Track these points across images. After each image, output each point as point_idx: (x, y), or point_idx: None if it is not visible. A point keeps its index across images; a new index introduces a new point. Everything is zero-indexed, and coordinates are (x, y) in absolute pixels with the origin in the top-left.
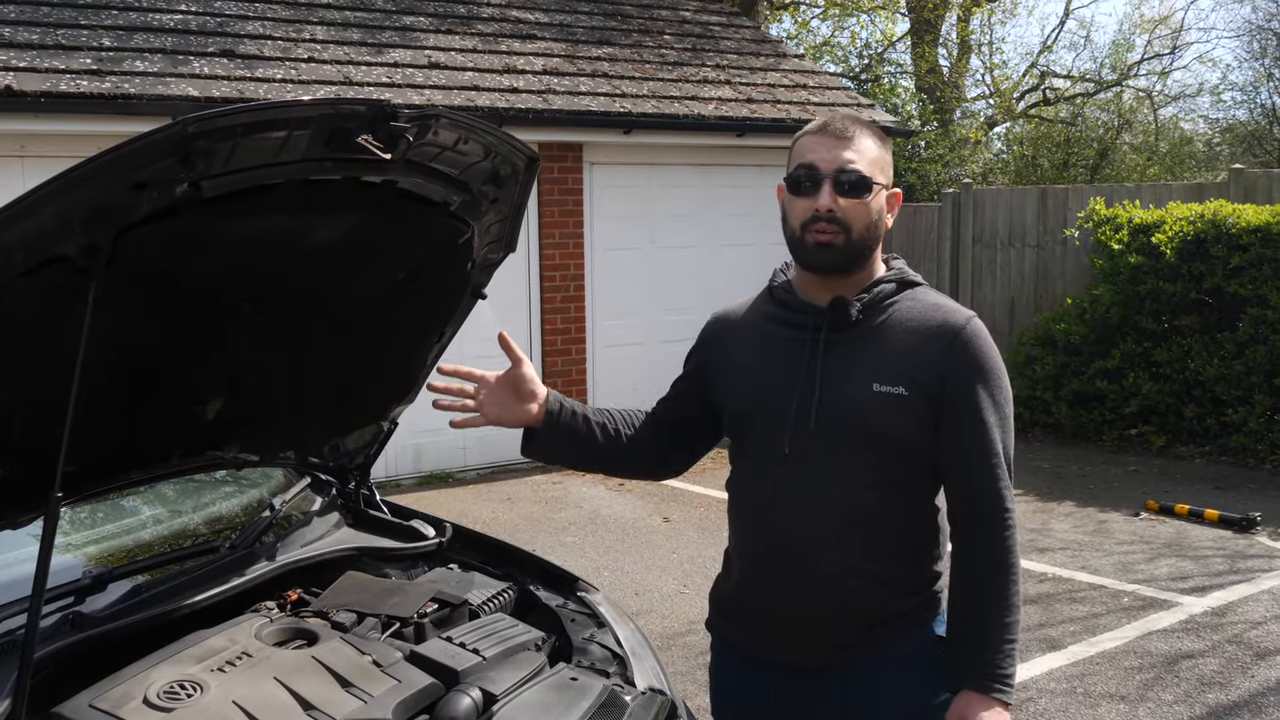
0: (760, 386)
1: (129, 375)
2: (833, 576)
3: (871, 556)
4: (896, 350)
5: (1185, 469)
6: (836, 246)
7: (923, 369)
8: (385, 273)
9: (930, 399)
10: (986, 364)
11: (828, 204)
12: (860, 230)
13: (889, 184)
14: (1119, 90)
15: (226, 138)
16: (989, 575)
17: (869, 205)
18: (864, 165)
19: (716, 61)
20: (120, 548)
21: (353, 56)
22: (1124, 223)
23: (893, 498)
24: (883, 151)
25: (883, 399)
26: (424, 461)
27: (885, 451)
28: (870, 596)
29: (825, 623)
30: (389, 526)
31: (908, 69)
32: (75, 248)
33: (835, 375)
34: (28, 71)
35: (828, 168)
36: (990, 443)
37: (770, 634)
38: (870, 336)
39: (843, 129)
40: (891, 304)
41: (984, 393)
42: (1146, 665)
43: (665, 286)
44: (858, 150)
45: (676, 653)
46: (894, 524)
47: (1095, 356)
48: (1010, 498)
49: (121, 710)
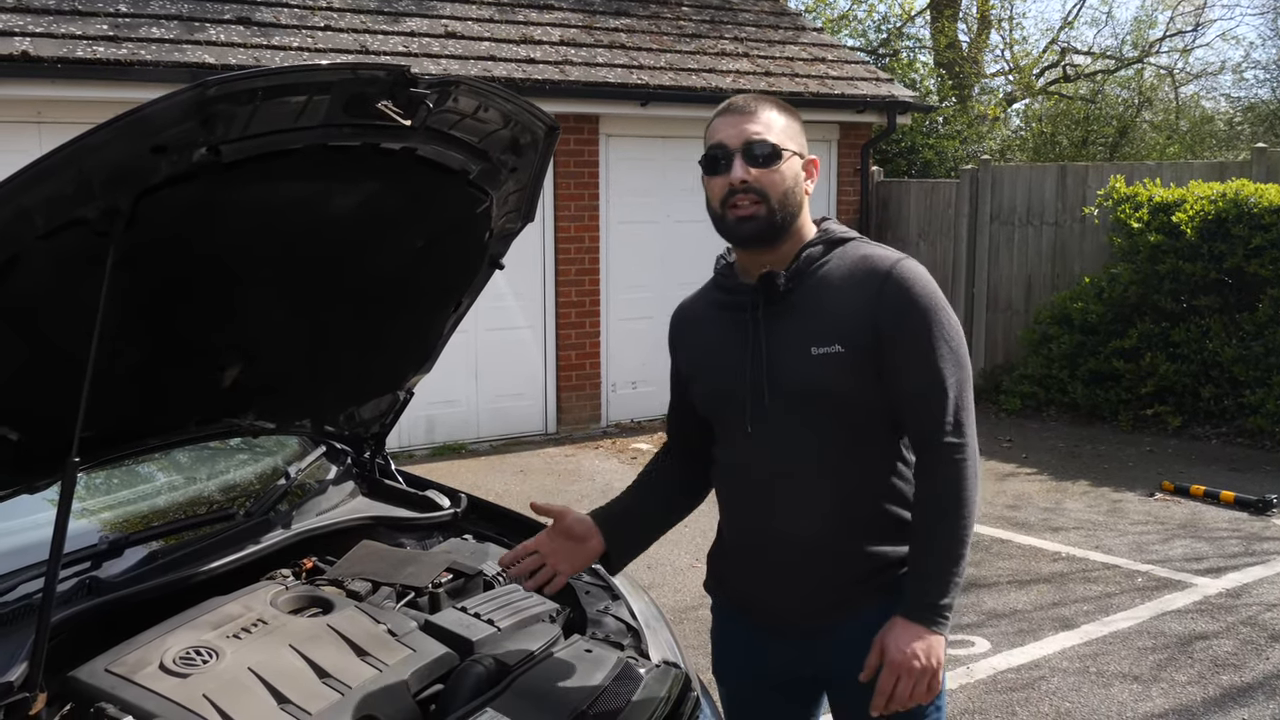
0: (716, 373)
1: (147, 341)
2: (811, 545)
3: (847, 521)
4: (827, 309)
5: (1201, 450)
6: (759, 218)
7: (853, 320)
8: (403, 241)
9: (866, 349)
10: (921, 301)
11: (740, 175)
12: (778, 197)
13: (801, 151)
14: (1140, 67)
15: (246, 101)
16: (936, 505)
17: (781, 172)
18: (771, 135)
19: (735, 34)
20: (136, 514)
21: (369, 25)
22: (1144, 201)
23: (859, 458)
24: (790, 121)
25: (821, 360)
26: (437, 432)
27: (839, 413)
28: (850, 559)
29: (809, 589)
30: (404, 496)
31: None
32: (94, 211)
33: (777, 348)
34: (44, 37)
35: (735, 142)
36: (936, 376)
37: (760, 600)
38: (803, 302)
39: (744, 105)
40: (821, 265)
41: (922, 329)
42: (1160, 646)
43: (679, 260)
44: (763, 123)
45: (689, 626)
46: (864, 484)
47: (1112, 336)
48: (965, 429)
49: (137, 675)
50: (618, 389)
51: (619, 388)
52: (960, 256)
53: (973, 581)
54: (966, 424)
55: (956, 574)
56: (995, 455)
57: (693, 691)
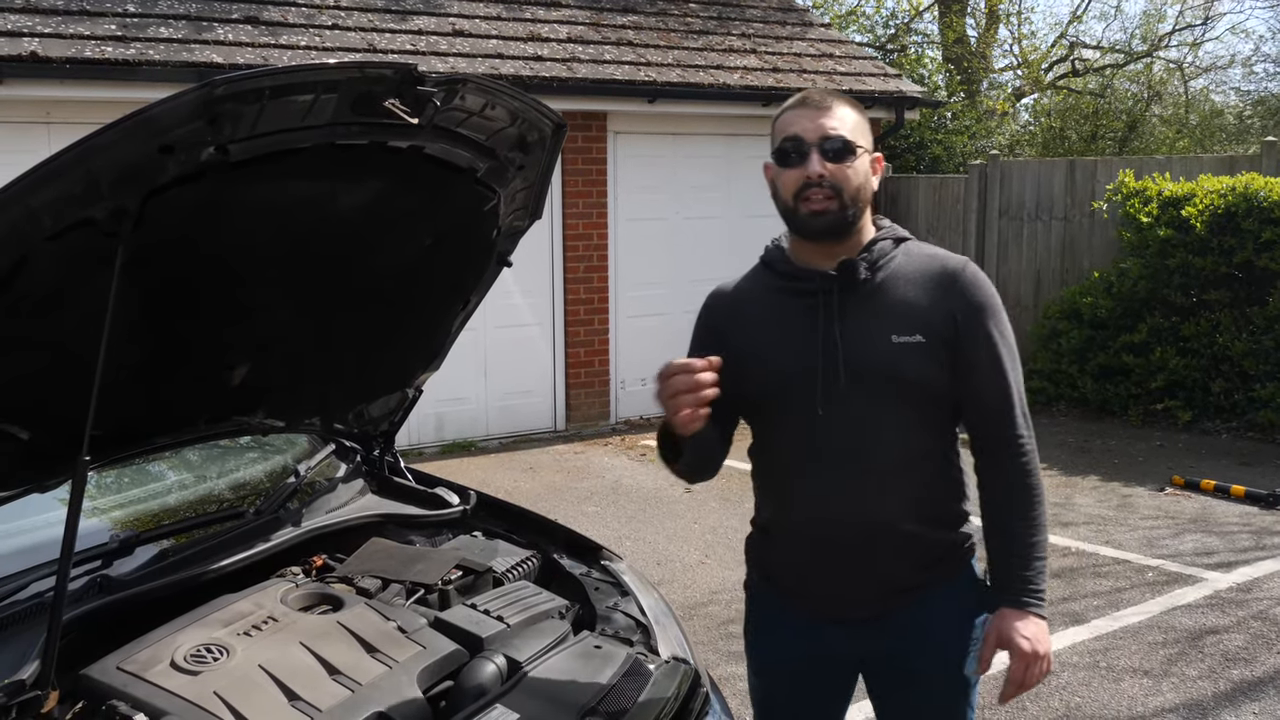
0: (782, 355)
1: (156, 340)
2: (881, 529)
3: (915, 504)
4: (906, 301)
5: (1211, 444)
6: (831, 212)
7: (934, 314)
8: (411, 239)
9: (945, 341)
10: (991, 301)
11: (818, 170)
12: (851, 193)
13: (870, 148)
14: (1149, 61)
15: (254, 100)
16: (1016, 497)
17: (855, 168)
18: (846, 131)
19: (742, 30)
20: (147, 512)
21: (377, 24)
22: (1153, 195)
23: (924, 443)
24: (860, 117)
25: (903, 349)
26: (446, 430)
27: (913, 399)
28: (919, 542)
29: (880, 575)
30: (413, 494)
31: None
32: (103, 211)
33: (855, 333)
34: (53, 37)
35: (812, 136)
36: (1004, 373)
37: (820, 588)
38: (878, 292)
39: (820, 100)
40: (891, 259)
41: (993, 327)
42: (1170, 640)
43: (688, 257)
44: (838, 118)
45: (699, 622)
46: (930, 468)
47: (1122, 330)
48: (1026, 424)
49: (148, 673)
50: (627, 386)
51: (628, 385)
52: (969, 252)
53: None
54: (1027, 418)
55: (1044, 559)
56: None
57: (702, 688)
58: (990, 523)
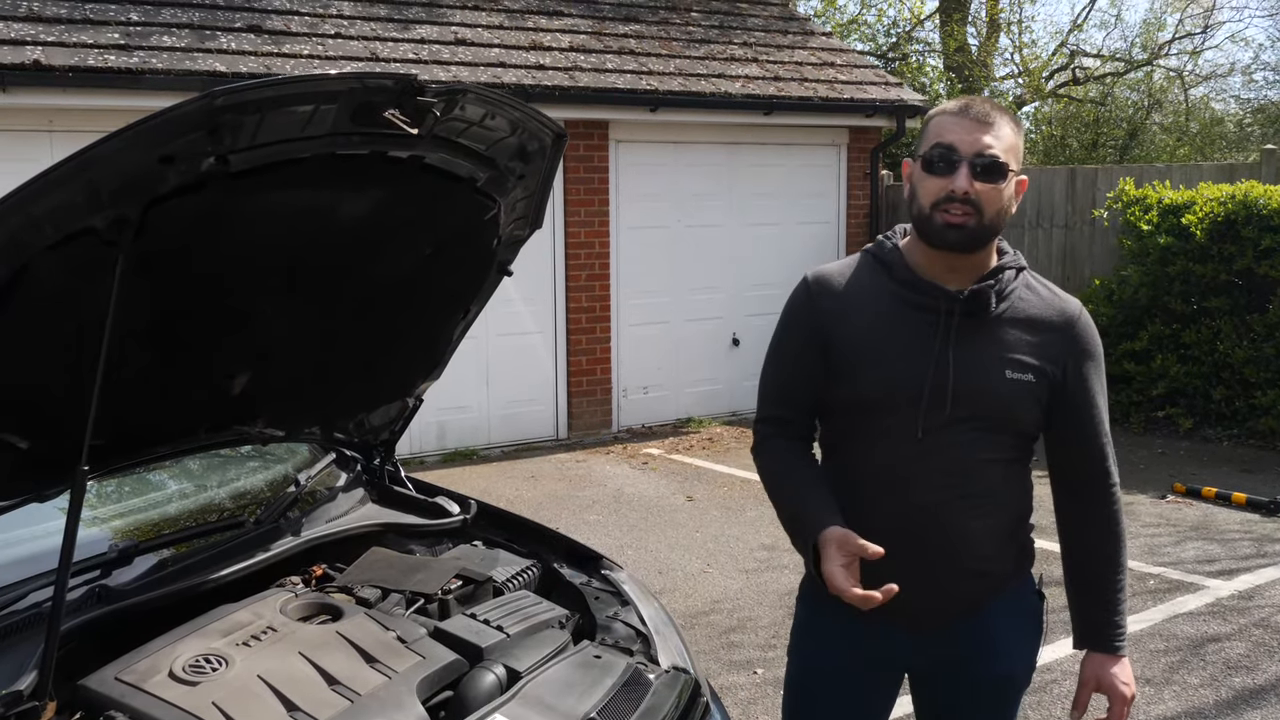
0: (893, 368)
1: (156, 349)
2: (965, 551)
3: (998, 529)
4: (1024, 338)
5: (1213, 451)
6: (968, 228)
7: (1047, 358)
8: (412, 248)
9: (1053, 385)
10: (1098, 351)
11: (964, 186)
12: (992, 214)
13: (1019, 170)
14: (1149, 70)
15: (254, 111)
16: (1106, 543)
17: (1002, 190)
18: (1001, 151)
19: (744, 39)
20: (147, 522)
21: (379, 33)
22: (1154, 203)
23: (1013, 473)
24: (1017, 139)
25: (1014, 385)
26: (448, 439)
27: (1012, 433)
28: (997, 564)
29: (958, 593)
30: (414, 503)
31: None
32: (103, 220)
33: (969, 361)
34: (56, 46)
35: (967, 150)
36: (1103, 423)
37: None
38: (997, 323)
39: (983, 113)
40: (1014, 290)
41: (1096, 377)
42: (1172, 648)
43: (691, 265)
44: (997, 136)
45: (700, 631)
46: (1013, 496)
47: (1123, 338)
48: (1116, 471)
49: (146, 683)
50: (629, 394)
51: (630, 393)
52: None
53: None
54: (1117, 466)
55: (1126, 598)
56: None
57: (702, 697)
58: (1078, 565)
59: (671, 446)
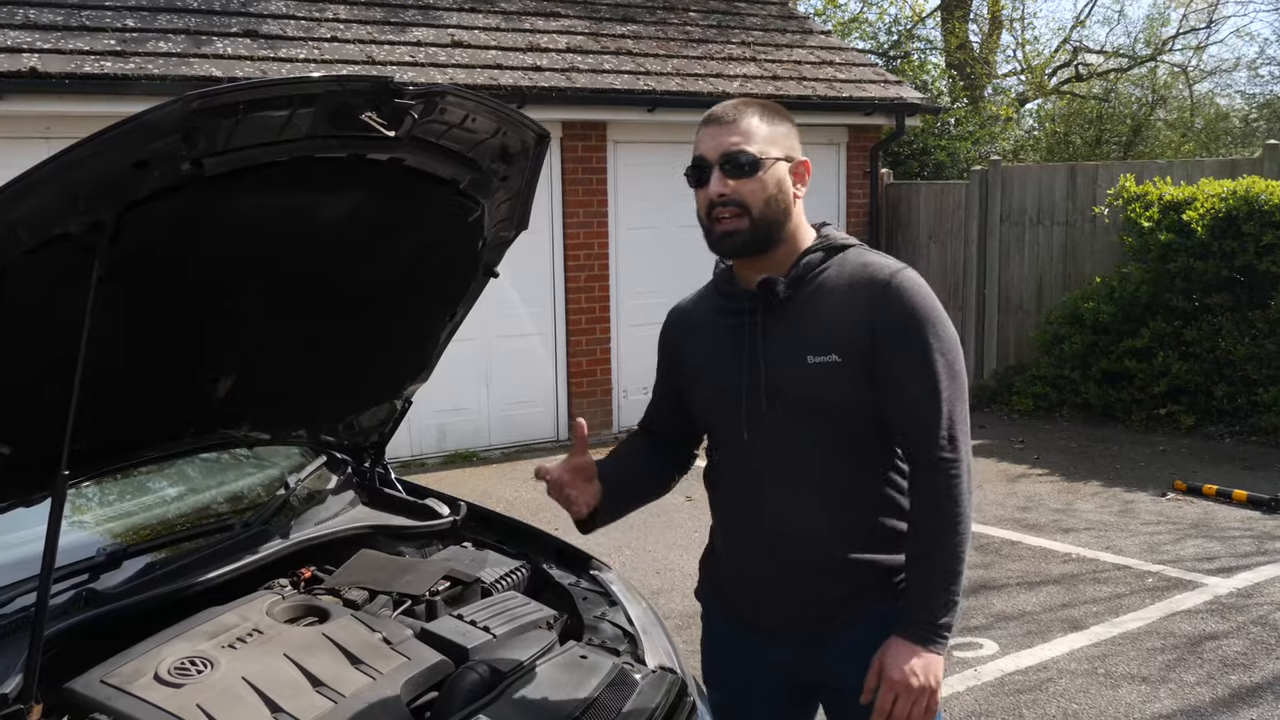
0: (714, 378)
1: (138, 353)
2: (806, 551)
3: (842, 528)
4: (825, 318)
5: (1214, 449)
6: (741, 231)
7: (852, 330)
8: (395, 251)
9: (863, 358)
10: (919, 312)
11: (718, 189)
12: (760, 207)
13: (788, 155)
14: (1153, 66)
15: (228, 115)
16: (931, 521)
17: (762, 180)
18: (751, 144)
19: (742, 38)
20: (136, 525)
21: (375, 36)
22: (1154, 200)
23: (854, 466)
24: (774, 125)
25: (819, 369)
26: (448, 441)
27: (834, 422)
28: (845, 567)
29: (805, 594)
30: (404, 505)
31: (938, 45)
32: (79, 226)
33: (775, 355)
34: (52, 53)
35: (713, 155)
36: (931, 389)
37: (758, 605)
38: (801, 310)
39: (723, 114)
40: (820, 272)
41: (918, 340)
42: (1169, 646)
43: (690, 266)
44: (741, 132)
45: (696, 631)
46: (860, 492)
47: (1124, 335)
48: (959, 444)
49: (132, 686)
50: (629, 395)
51: (630, 394)
52: (970, 258)
53: (981, 584)
54: (960, 438)
55: (954, 592)
56: (1007, 456)
57: (688, 697)
58: (909, 544)
59: None
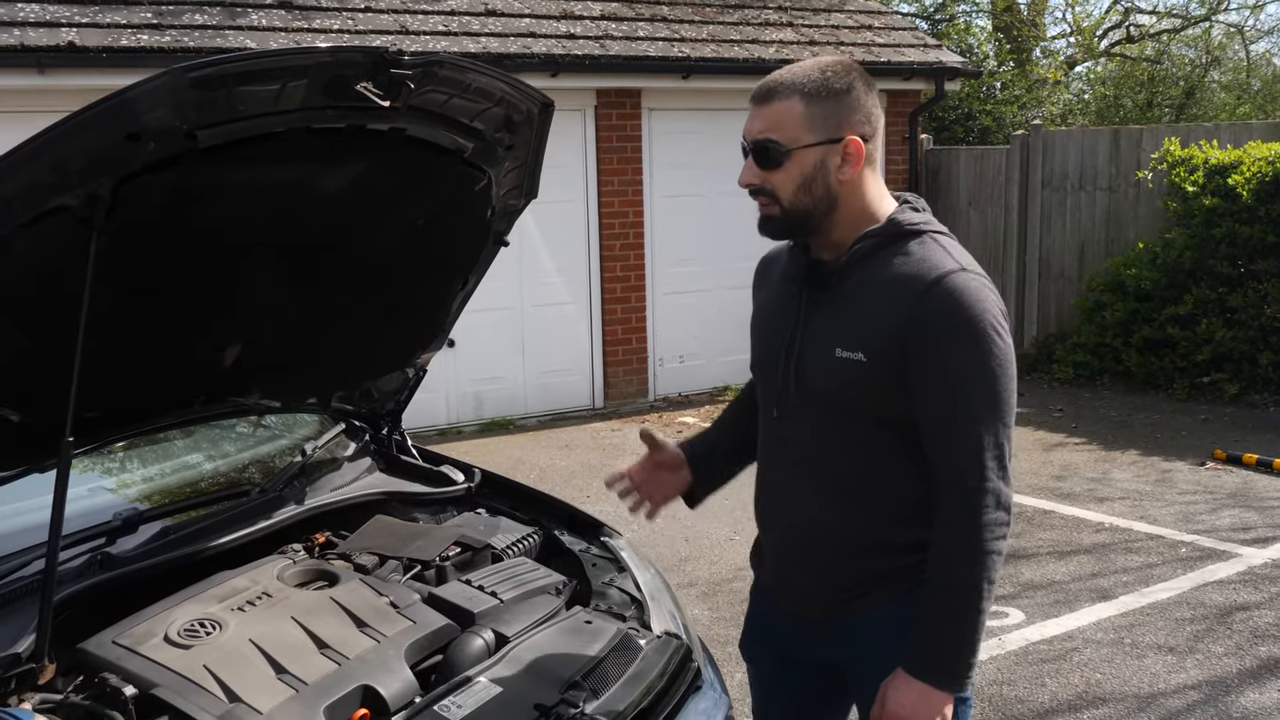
0: (762, 344)
1: (144, 323)
2: (818, 536)
3: (855, 518)
4: (862, 313)
5: (1258, 418)
6: (775, 218)
7: (883, 331)
8: (402, 220)
9: (889, 363)
10: (959, 322)
11: (747, 178)
12: (790, 197)
13: (831, 136)
14: (1208, 26)
15: (220, 86)
16: (951, 558)
17: (788, 171)
18: (781, 132)
19: (779, 3)
20: (153, 490)
21: (409, 5)
22: (1199, 164)
23: (872, 460)
24: (819, 105)
25: (843, 365)
26: (485, 409)
27: (855, 416)
28: (857, 558)
29: (817, 578)
30: (419, 472)
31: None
32: (75, 198)
33: (812, 338)
34: (89, 27)
35: (749, 139)
36: (966, 412)
37: (780, 582)
38: (844, 299)
39: (763, 91)
40: (872, 260)
41: (955, 355)
42: (1199, 617)
43: (726, 233)
44: (774, 117)
45: (722, 598)
46: (875, 485)
47: (1167, 302)
48: (993, 476)
49: (142, 647)
50: (665, 363)
51: (666, 362)
52: (1011, 224)
53: (1012, 552)
54: (990, 466)
55: (971, 633)
56: (1045, 425)
57: (693, 662)
58: (929, 576)
59: (707, 415)
